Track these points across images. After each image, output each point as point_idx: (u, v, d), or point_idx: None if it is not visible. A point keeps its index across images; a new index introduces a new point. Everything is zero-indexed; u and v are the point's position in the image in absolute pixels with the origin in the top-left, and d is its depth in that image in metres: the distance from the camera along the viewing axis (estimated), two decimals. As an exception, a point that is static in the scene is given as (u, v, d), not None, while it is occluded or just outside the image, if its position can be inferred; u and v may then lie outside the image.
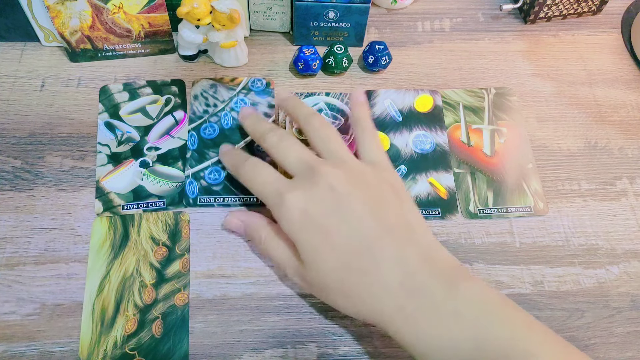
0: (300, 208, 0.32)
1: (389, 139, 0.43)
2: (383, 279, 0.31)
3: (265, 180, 0.34)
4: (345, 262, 0.31)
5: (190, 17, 0.40)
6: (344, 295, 0.32)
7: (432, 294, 0.30)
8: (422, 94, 0.46)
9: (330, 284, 0.32)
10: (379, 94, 0.46)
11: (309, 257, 0.32)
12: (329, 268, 0.32)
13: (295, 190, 0.33)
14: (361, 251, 0.31)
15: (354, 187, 0.33)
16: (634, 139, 0.45)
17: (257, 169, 0.35)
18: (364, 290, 0.31)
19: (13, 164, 0.41)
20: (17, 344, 0.34)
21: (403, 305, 0.30)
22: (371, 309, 0.31)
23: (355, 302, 0.32)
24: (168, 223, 0.39)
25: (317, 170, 0.33)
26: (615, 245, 0.40)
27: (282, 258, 0.35)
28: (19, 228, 0.38)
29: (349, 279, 0.31)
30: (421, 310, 0.30)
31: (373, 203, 0.32)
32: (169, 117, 0.43)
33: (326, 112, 0.44)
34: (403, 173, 0.42)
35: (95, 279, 0.37)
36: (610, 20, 0.52)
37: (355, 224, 0.32)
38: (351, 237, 0.31)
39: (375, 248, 0.31)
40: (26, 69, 0.45)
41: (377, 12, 0.51)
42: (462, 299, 0.30)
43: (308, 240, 0.32)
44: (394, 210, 0.33)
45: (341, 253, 0.31)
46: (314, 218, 0.32)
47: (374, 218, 0.32)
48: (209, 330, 0.36)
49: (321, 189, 0.32)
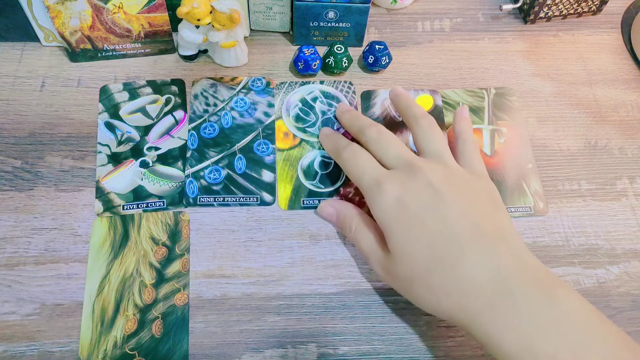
0: (396, 197, 0.33)
1: None
2: (473, 274, 0.31)
3: (364, 167, 0.36)
4: (434, 254, 0.31)
5: (190, 17, 0.40)
6: (428, 288, 0.32)
7: (528, 298, 0.30)
8: (422, 94, 0.46)
9: (416, 275, 0.32)
10: (379, 94, 0.46)
11: (398, 246, 0.33)
12: (417, 259, 0.32)
13: (393, 179, 0.34)
14: (451, 246, 0.31)
15: (451, 187, 0.33)
16: (634, 139, 0.45)
17: (358, 155, 0.36)
18: (450, 283, 0.31)
19: (13, 164, 0.41)
20: (17, 344, 0.34)
21: (494, 303, 0.30)
22: (456, 304, 0.31)
23: (439, 295, 0.32)
24: (168, 223, 0.39)
25: (417, 165, 0.34)
26: (615, 245, 0.40)
27: (369, 248, 0.35)
28: (19, 228, 0.38)
29: (436, 271, 0.31)
30: (515, 312, 0.29)
31: (468, 205, 0.33)
32: (169, 117, 0.43)
33: (321, 100, 0.45)
34: None
35: (95, 279, 0.37)
36: (610, 20, 0.52)
37: (449, 221, 0.32)
38: (443, 232, 0.32)
39: (467, 245, 0.31)
40: (26, 69, 0.45)
41: (377, 12, 0.51)
42: (561, 309, 0.29)
43: (399, 229, 0.33)
44: (488, 215, 0.33)
45: (431, 246, 0.32)
46: (408, 208, 0.32)
47: (468, 218, 0.32)
48: (209, 330, 0.36)
49: (419, 183, 0.33)
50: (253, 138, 0.42)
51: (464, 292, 0.31)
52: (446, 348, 0.36)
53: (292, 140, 0.43)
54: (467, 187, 0.34)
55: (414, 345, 0.36)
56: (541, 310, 0.29)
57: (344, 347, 0.36)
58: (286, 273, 0.38)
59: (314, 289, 0.37)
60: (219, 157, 0.41)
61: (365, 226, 0.36)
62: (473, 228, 0.32)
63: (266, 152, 0.42)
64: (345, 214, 0.38)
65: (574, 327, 0.29)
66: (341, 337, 0.36)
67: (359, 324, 0.36)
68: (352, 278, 0.38)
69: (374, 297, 0.37)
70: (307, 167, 0.42)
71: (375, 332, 0.36)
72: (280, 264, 0.38)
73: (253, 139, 0.42)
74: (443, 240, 0.32)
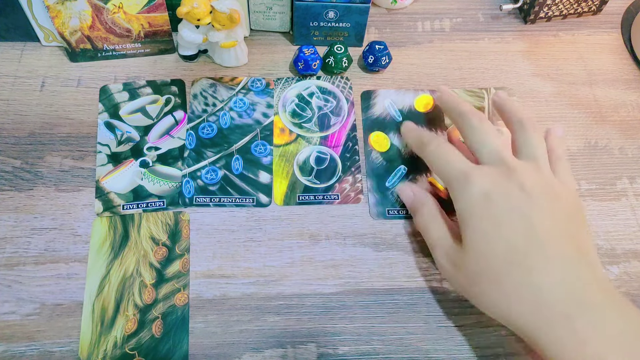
0: (484, 192, 0.33)
1: (389, 139, 0.43)
2: (552, 283, 0.30)
3: (451, 160, 0.35)
4: (514, 255, 0.31)
5: (190, 17, 0.40)
6: (499, 288, 0.31)
7: (604, 315, 0.30)
8: (422, 93, 0.46)
9: (489, 271, 0.32)
10: (379, 94, 0.46)
11: (475, 239, 0.32)
12: (494, 256, 0.31)
13: (483, 173, 0.33)
14: (534, 251, 0.31)
15: (544, 195, 0.33)
16: (634, 139, 0.45)
17: (444, 148, 0.36)
18: (526, 288, 0.31)
19: (13, 164, 0.41)
20: (17, 344, 0.34)
21: (572, 316, 0.29)
22: (528, 311, 0.31)
23: (511, 298, 0.31)
24: (168, 223, 0.39)
25: (511, 165, 0.33)
26: (615, 245, 0.40)
27: (438, 237, 0.36)
28: (18, 228, 0.38)
29: (513, 273, 0.31)
30: (592, 326, 0.29)
31: (557, 216, 0.32)
32: (168, 117, 0.43)
33: (318, 95, 0.45)
34: (403, 173, 0.42)
35: (95, 279, 0.37)
36: (610, 20, 0.52)
37: (536, 226, 0.31)
38: (527, 236, 0.31)
39: (550, 254, 0.31)
40: (26, 69, 0.45)
41: (377, 12, 0.51)
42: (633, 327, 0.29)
43: (480, 223, 0.32)
44: (575, 231, 0.33)
45: (512, 246, 0.31)
46: (495, 205, 0.32)
47: (555, 228, 0.32)
48: (209, 330, 0.36)
49: (511, 184, 0.33)
50: (251, 139, 0.42)
51: (540, 300, 0.30)
52: (446, 348, 0.36)
53: (288, 136, 0.43)
54: (559, 200, 0.33)
55: (414, 345, 0.36)
56: (616, 328, 0.29)
57: (344, 347, 0.36)
58: (286, 273, 0.38)
59: (313, 289, 0.37)
60: (216, 157, 0.41)
61: (438, 214, 0.37)
62: (559, 238, 0.31)
63: (263, 153, 0.42)
64: (421, 199, 0.38)
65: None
66: (341, 337, 0.36)
67: (359, 324, 0.36)
68: (351, 278, 0.38)
69: (373, 297, 0.37)
70: (303, 163, 0.42)
71: (375, 332, 0.36)
72: (280, 264, 0.38)
73: (251, 140, 0.42)
74: (526, 243, 0.31)
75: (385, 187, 0.41)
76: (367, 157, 0.43)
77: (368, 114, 0.45)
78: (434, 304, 0.37)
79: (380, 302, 0.37)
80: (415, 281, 0.38)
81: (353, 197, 0.40)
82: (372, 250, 0.39)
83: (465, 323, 0.37)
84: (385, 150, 0.43)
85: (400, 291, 0.37)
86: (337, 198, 0.40)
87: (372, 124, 0.44)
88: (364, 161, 0.42)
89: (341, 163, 0.42)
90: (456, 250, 0.34)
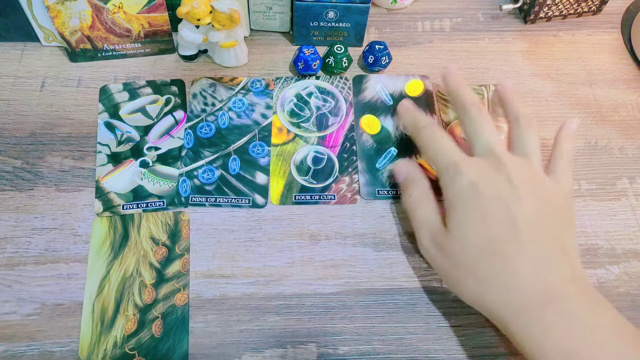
0: (472, 182, 0.33)
1: (380, 122, 0.44)
2: (525, 272, 0.31)
3: (445, 148, 0.36)
4: (492, 243, 0.32)
5: (190, 17, 0.40)
6: (476, 274, 0.32)
7: (574, 306, 0.30)
8: (412, 79, 0.46)
9: (469, 257, 0.32)
10: (370, 78, 0.46)
11: (458, 225, 0.33)
12: (474, 242, 0.32)
13: (473, 166, 0.34)
14: (511, 241, 0.32)
15: (531, 192, 0.33)
16: (634, 139, 0.45)
17: (437, 135, 0.37)
18: (500, 276, 0.31)
19: (13, 164, 0.41)
20: (18, 344, 0.34)
21: (541, 304, 0.30)
22: (501, 298, 0.31)
23: (485, 285, 0.32)
24: (168, 223, 0.39)
25: (502, 160, 0.34)
26: (615, 245, 0.40)
27: (426, 218, 0.36)
28: (19, 228, 0.38)
29: (489, 260, 0.32)
30: (561, 316, 0.30)
31: (541, 212, 0.33)
32: (168, 117, 0.43)
33: (316, 95, 0.45)
34: (393, 155, 0.42)
35: (95, 279, 0.37)
36: (610, 20, 0.52)
37: (517, 217, 0.32)
38: (507, 226, 0.32)
39: (526, 245, 0.31)
40: (26, 69, 0.45)
41: (377, 12, 0.51)
42: (603, 321, 0.30)
43: (465, 209, 0.33)
44: (557, 229, 0.33)
45: (492, 234, 0.32)
46: (481, 195, 0.33)
47: (536, 223, 0.32)
48: (209, 330, 0.36)
49: (500, 176, 0.33)
50: (249, 139, 0.42)
51: (512, 287, 0.31)
52: (446, 348, 0.36)
53: (286, 135, 0.43)
54: (545, 195, 0.34)
55: (414, 345, 0.36)
56: (585, 319, 0.30)
57: (344, 347, 0.36)
58: (286, 273, 0.38)
59: (313, 289, 0.37)
60: (214, 157, 0.41)
61: (428, 195, 0.37)
62: (537, 233, 0.32)
63: (261, 154, 0.42)
64: (413, 179, 0.38)
65: (613, 339, 0.29)
66: (341, 337, 0.36)
67: (359, 324, 0.36)
68: (351, 278, 0.38)
69: (373, 297, 0.37)
70: (300, 163, 0.42)
71: (375, 332, 0.36)
72: (280, 264, 0.38)
73: (249, 141, 0.42)
74: (505, 233, 0.32)
75: (376, 169, 0.42)
76: (358, 139, 0.43)
77: (359, 99, 0.45)
78: (434, 304, 0.37)
79: (380, 302, 0.37)
80: (415, 281, 0.38)
81: (349, 198, 0.40)
82: (372, 250, 0.39)
83: (465, 323, 0.37)
84: (376, 132, 0.43)
85: (400, 291, 0.37)
86: (333, 198, 0.40)
87: (364, 107, 0.45)
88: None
89: (338, 163, 0.42)
90: (442, 233, 0.34)
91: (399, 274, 0.38)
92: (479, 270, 0.32)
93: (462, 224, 0.33)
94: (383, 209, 0.40)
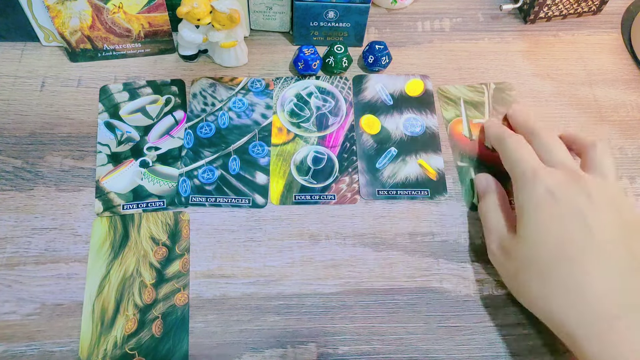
0: (549, 189, 0.34)
1: (380, 122, 0.44)
2: (599, 280, 0.30)
3: (525, 155, 0.37)
4: (565, 249, 0.32)
5: (190, 17, 0.40)
6: (545, 279, 0.32)
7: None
8: (412, 78, 0.46)
9: (538, 261, 0.32)
10: (370, 78, 0.46)
11: (530, 228, 0.33)
12: (546, 245, 0.32)
13: (552, 174, 0.35)
14: (585, 249, 0.31)
15: (609, 209, 0.33)
16: (634, 139, 0.45)
17: (520, 144, 0.38)
18: (571, 282, 0.31)
19: (13, 164, 0.41)
20: (17, 344, 0.34)
21: (615, 314, 0.29)
22: (570, 306, 0.31)
23: (553, 291, 0.31)
24: (168, 223, 0.39)
25: (583, 176, 0.34)
26: (615, 245, 0.40)
27: (496, 224, 0.37)
28: (19, 228, 0.38)
29: (560, 265, 0.31)
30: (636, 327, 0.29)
31: (618, 227, 0.32)
32: (168, 117, 0.43)
33: (316, 95, 0.45)
34: (393, 155, 0.42)
35: (95, 279, 0.37)
36: (610, 20, 0.52)
37: (593, 228, 0.32)
38: (582, 235, 0.32)
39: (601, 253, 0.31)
40: (26, 69, 0.45)
41: (377, 12, 0.51)
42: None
43: (539, 216, 0.33)
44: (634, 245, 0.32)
45: (566, 240, 0.32)
46: (557, 203, 0.33)
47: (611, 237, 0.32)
48: (209, 330, 0.36)
49: (578, 189, 0.33)
50: (249, 139, 0.42)
51: (584, 294, 0.30)
52: (446, 348, 0.36)
53: (285, 135, 0.43)
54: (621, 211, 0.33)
55: (414, 345, 0.36)
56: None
57: (344, 347, 0.36)
58: (286, 273, 0.38)
59: (313, 288, 0.37)
60: (214, 157, 0.42)
61: (500, 203, 0.38)
62: (616, 245, 0.32)
63: (261, 154, 0.42)
64: (489, 187, 0.40)
65: None
66: (341, 337, 0.36)
67: (359, 324, 0.36)
68: (351, 278, 0.38)
69: (373, 297, 0.37)
70: (300, 163, 0.42)
71: (375, 332, 0.36)
72: (280, 264, 0.38)
73: (249, 141, 0.42)
74: (580, 240, 0.32)
75: (376, 169, 0.42)
76: (358, 139, 0.43)
77: (359, 99, 0.45)
78: (434, 304, 0.37)
79: (380, 302, 0.37)
80: (415, 281, 0.38)
81: (349, 198, 0.40)
82: (372, 250, 0.39)
83: (465, 323, 0.37)
84: (376, 132, 0.43)
85: (400, 291, 0.37)
86: (333, 198, 0.40)
87: (364, 107, 0.45)
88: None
89: (338, 163, 0.42)
90: (510, 239, 0.35)
91: (399, 274, 0.38)
92: (548, 275, 0.32)
93: (534, 227, 0.33)
94: (383, 209, 0.41)
